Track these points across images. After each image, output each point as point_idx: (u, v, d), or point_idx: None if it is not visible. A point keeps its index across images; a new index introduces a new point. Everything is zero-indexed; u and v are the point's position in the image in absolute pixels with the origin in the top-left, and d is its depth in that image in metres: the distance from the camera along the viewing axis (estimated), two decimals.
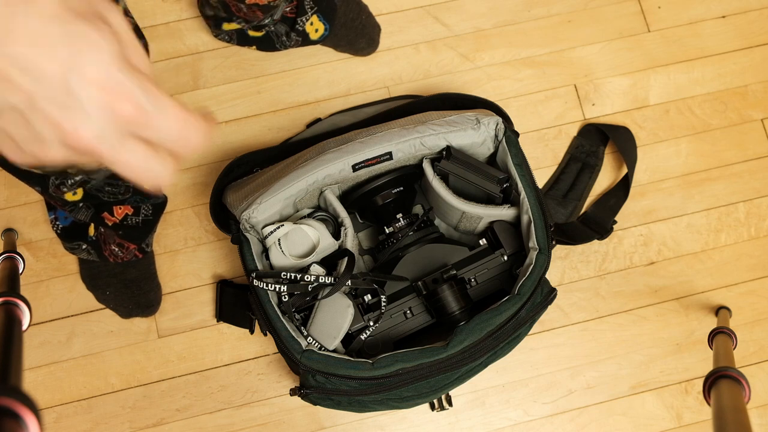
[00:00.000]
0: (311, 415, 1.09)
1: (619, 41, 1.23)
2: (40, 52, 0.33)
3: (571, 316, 1.14)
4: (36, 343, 1.09)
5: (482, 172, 0.94)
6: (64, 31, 0.34)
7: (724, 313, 1.12)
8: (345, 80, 1.19)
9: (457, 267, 0.94)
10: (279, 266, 0.93)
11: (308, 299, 0.90)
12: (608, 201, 1.16)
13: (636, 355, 1.13)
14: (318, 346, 0.88)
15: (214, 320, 1.11)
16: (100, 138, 0.35)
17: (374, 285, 0.92)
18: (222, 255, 1.13)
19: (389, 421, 1.09)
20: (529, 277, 0.88)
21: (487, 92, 1.19)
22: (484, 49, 1.21)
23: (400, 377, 0.84)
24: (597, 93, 1.22)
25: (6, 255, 0.90)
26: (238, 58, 1.18)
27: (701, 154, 1.21)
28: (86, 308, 1.10)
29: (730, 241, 1.18)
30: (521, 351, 1.10)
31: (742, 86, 1.23)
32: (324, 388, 0.86)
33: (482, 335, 0.85)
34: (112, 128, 0.35)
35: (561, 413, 1.11)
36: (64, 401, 1.08)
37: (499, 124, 0.95)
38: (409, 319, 0.94)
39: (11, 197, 1.13)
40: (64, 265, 1.11)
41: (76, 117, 0.35)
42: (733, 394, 0.65)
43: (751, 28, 1.25)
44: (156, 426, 1.08)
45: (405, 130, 0.95)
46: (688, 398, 1.13)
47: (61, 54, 0.34)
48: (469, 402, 1.11)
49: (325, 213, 0.98)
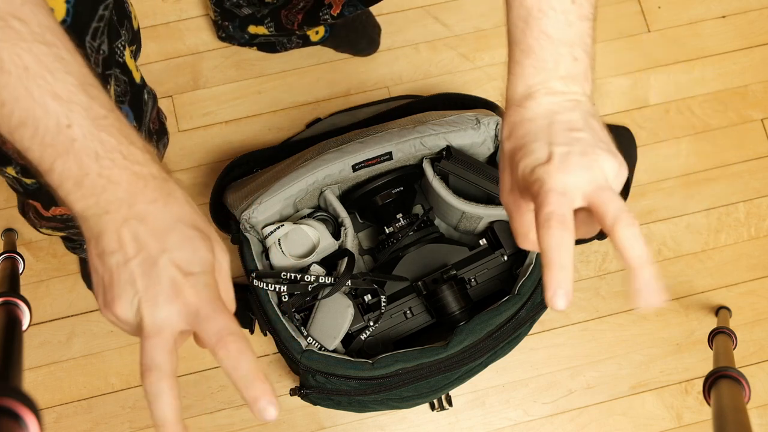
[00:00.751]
0: (311, 415, 1.09)
1: (619, 41, 1.23)
2: (154, 233, 0.43)
3: (571, 316, 1.14)
4: (36, 343, 1.09)
5: (482, 172, 0.94)
6: (185, 235, 0.44)
7: (724, 313, 1.12)
8: (345, 80, 1.19)
9: (457, 267, 0.94)
10: (279, 266, 0.93)
11: (308, 299, 0.90)
12: None
13: (636, 355, 1.13)
14: (318, 346, 0.88)
15: None
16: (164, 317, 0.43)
17: (374, 285, 0.92)
18: None
19: (389, 421, 1.09)
20: (530, 277, 0.88)
21: (487, 92, 1.19)
22: (484, 49, 1.21)
23: (400, 377, 0.84)
24: (597, 93, 1.21)
25: (6, 255, 0.90)
26: (238, 58, 1.18)
27: (701, 154, 1.21)
28: (86, 308, 1.10)
29: (730, 241, 1.18)
30: (521, 351, 1.10)
31: (742, 86, 1.23)
32: (324, 388, 0.86)
33: (482, 335, 0.85)
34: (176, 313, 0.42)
35: (561, 413, 1.11)
36: (64, 401, 1.08)
37: (499, 123, 0.95)
38: (409, 319, 0.94)
39: (11, 197, 1.13)
40: (64, 265, 1.11)
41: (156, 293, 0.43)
42: (733, 394, 0.65)
43: (751, 28, 1.25)
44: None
45: (405, 130, 0.95)
46: (688, 398, 1.13)
47: (168, 240, 0.43)
48: (469, 402, 1.11)
49: (325, 213, 0.98)
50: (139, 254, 0.43)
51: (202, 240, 0.45)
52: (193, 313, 0.42)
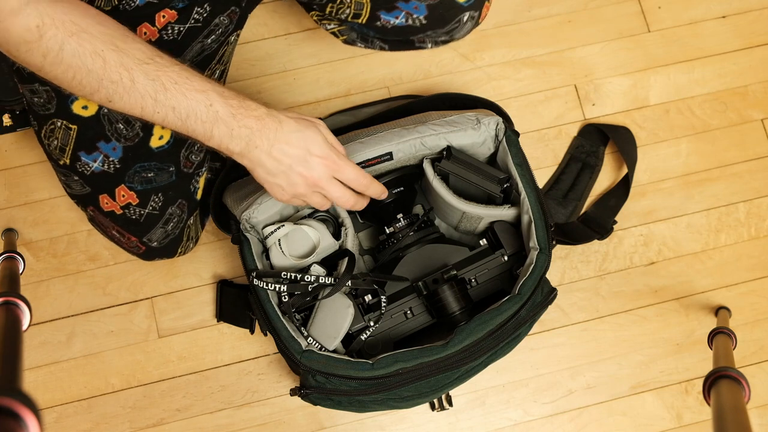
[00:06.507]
0: (311, 415, 1.09)
1: (619, 41, 1.23)
2: (293, 146, 0.78)
3: (571, 316, 1.14)
4: (36, 343, 1.09)
5: (483, 172, 0.94)
6: (302, 134, 0.78)
7: (724, 313, 1.12)
8: (345, 80, 1.19)
9: (458, 267, 0.94)
10: (279, 266, 0.93)
11: (308, 299, 0.90)
12: (608, 201, 1.16)
13: (636, 355, 1.13)
14: (318, 346, 0.88)
15: (214, 320, 1.11)
16: (322, 180, 0.80)
17: (374, 285, 0.92)
18: (222, 255, 1.13)
19: (389, 421, 1.10)
20: (530, 277, 0.88)
21: (487, 92, 1.19)
22: (484, 49, 1.21)
23: (400, 377, 0.85)
24: (597, 93, 1.22)
25: (6, 255, 0.90)
26: (238, 58, 1.18)
27: (701, 154, 1.21)
28: (86, 308, 1.11)
29: (730, 241, 1.18)
30: (521, 351, 1.10)
31: (742, 86, 1.23)
32: (324, 388, 0.86)
33: (482, 334, 0.85)
34: (326, 175, 0.80)
35: (561, 413, 1.12)
36: (64, 401, 1.08)
37: (499, 123, 0.95)
38: (409, 319, 0.94)
39: (11, 197, 1.13)
40: (64, 265, 1.11)
41: (312, 172, 0.79)
42: (733, 394, 0.65)
43: (751, 28, 1.25)
44: (156, 426, 1.08)
45: (405, 130, 0.95)
46: (688, 398, 1.13)
47: (301, 144, 0.78)
48: (469, 402, 1.11)
49: (325, 213, 0.98)
50: (294, 160, 0.78)
51: (317, 134, 0.80)
52: (335, 170, 0.81)
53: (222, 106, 0.74)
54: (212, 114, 0.74)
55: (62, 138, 0.88)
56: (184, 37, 0.89)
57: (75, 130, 0.88)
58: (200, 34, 0.90)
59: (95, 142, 0.88)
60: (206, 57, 0.92)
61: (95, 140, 0.88)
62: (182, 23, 0.88)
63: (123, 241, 0.97)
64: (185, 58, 0.90)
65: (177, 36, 0.89)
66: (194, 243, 1.05)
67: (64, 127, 0.88)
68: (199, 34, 0.90)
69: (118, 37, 0.72)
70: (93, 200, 0.92)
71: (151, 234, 0.95)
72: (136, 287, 1.11)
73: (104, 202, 0.92)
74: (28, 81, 0.88)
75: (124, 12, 0.86)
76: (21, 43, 0.69)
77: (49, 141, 0.90)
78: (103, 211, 0.93)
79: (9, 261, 0.89)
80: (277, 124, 0.77)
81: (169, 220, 0.95)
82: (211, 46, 0.92)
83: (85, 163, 0.89)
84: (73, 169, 0.90)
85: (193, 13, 0.89)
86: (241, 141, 0.76)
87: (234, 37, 0.96)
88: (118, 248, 1.10)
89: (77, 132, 0.88)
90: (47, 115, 0.88)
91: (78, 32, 0.70)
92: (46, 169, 1.13)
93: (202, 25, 0.90)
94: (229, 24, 0.92)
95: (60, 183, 0.95)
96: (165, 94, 0.73)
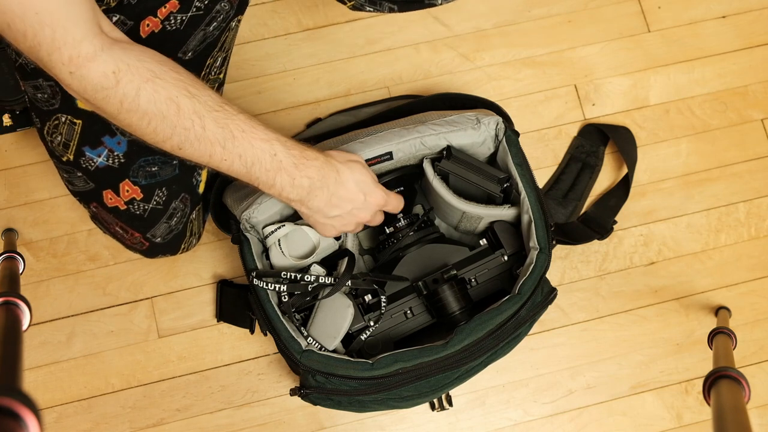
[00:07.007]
0: (311, 415, 1.09)
1: (619, 41, 1.23)
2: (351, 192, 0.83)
3: (571, 316, 1.14)
4: (36, 343, 1.09)
5: (483, 171, 0.94)
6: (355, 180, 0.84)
7: (724, 313, 1.12)
8: (345, 80, 1.19)
9: (458, 267, 0.94)
10: (279, 266, 0.93)
11: (308, 299, 0.90)
12: (608, 201, 1.16)
13: (636, 355, 1.14)
14: (318, 346, 0.88)
15: (214, 320, 1.11)
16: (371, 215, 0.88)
17: (374, 285, 0.92)
18: (222, 255, 1.13)
19: (389, 421, 1.10)
20: (530, 277, 0.88)
21: (487, 92, 1.19)
22: (484, 49, 1.21)
23: (400, 377, 0.85)
24: (597, 93, 1.22)
25: (6, 255, 0.90)
26: (238, 58, 1.18)
27: (701, 154, 1.21)
28: (86, 308, 1.11)
29: (730, 241, 1.18)
30: (521, 351, 1.10)
31: (742, 86, 1.23)
32: (324, 388, 0.86)
33: (482, 334, 0.85)
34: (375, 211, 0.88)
35: (561, 413, 1.12)
36: (64, 401, 1.08)
37: (499, 123, 0.95)
38: (409, 319, 0.94)
39: (11, 197, 1.13)
40: (64, 265, 1.11)
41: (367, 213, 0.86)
42: (733, 394, 0.65)
43: (751, 28, 1.25)
44: (156, 426, 1.08)
45: (405, 130, 0.95)
46: (688, 398, 1.13)
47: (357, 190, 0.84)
48: (469, 402, 1.11)
49: None
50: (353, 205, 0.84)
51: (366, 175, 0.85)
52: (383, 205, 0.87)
53: (285, 156, 0.77)
54: (276, 163, 0.77)
55: (66, 133, 0.88)
56: (187, 26, 0.88)
57: (80, 125, 0.87)
58: (202, 22, 0.89)
59: (100, 136, 0.88)
60: (208, 45, 0.92)
61: (100, 134, 0.88)
62: (184, 12, 0.88)
63: (126, 237, 0.97)
64: (188, 47, 0.89)
65: (180, 26, 0.88)
66: (197, 239, 1.04)
67: (69, 122, 0.88)
68: (201, 22, 0.89)
69: (190, 84, 0.72)
70: (97, 196, 0.92)
71: (155, 229, 0.94)
72: (136, 287, 1.11)
73: (108, 198, 0.91)
74: (32, 77, 0.87)
75: (128, 6, 0.86)
76: (98, 90, 0.69)
77: (52, 137, 0.89)
78: (107, 207, 0.92)
79: (9, 261, 0.89)
80: (336, 174, 0.81)
81: (173, 215, 0.95)
82: (213, 33, 0.91)
83: (90, 158, 0.89)
84: (77, 164, 0.89)
85: (194, 1, 0.88)
86: (301, 190, 0.80)
87: (235, 22, 0.95)
88: (119, 248, 1.10)
89: (82, 126, 0.87)
90: (51, 111, 0.88)
91: (153, 78, 0.70)
92: (46, 169, 1.13)
93: (204, 13, 0.89)
94: (230, 9, 0.92)
95: (62, 181, 0.95)
96: (233, 143, 0.74)
